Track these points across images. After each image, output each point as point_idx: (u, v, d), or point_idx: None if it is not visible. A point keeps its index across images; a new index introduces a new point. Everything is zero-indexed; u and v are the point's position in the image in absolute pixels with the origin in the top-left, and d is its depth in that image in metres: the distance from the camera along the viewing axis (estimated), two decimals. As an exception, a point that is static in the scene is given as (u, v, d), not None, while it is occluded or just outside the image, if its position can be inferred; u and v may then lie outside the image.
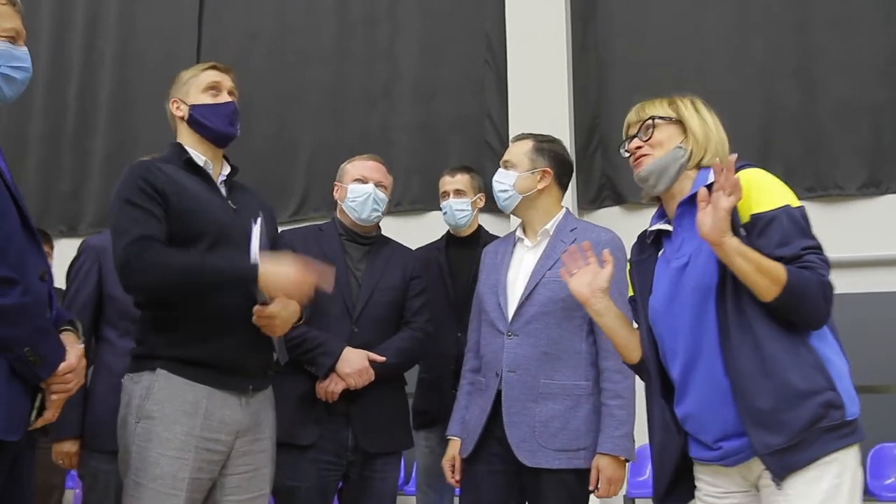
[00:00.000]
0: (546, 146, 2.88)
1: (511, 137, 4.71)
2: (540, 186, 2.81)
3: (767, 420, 1.91)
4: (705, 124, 2.18)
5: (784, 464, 1.90)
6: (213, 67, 2.63)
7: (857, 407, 1.95)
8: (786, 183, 2.10)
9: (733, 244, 1.90)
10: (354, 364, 2.90)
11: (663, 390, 2.14)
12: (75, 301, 3.01)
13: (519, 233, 2.88)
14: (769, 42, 5.44)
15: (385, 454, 2.99)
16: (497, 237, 3.73)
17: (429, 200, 5.82)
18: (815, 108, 5.28)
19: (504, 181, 2.84)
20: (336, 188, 3.18)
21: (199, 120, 2.56)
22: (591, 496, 2.74)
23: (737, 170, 2.00)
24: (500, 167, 2.91)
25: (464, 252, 3.64)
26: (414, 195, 5.92)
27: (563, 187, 2.90)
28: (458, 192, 3.64)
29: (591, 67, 5.78)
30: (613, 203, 5.67)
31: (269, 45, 6.35)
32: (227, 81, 2.62)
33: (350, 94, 6.16)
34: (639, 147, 2.20)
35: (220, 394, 2.37)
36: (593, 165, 5.69)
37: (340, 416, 2.92)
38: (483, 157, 5.74)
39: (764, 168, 2.12)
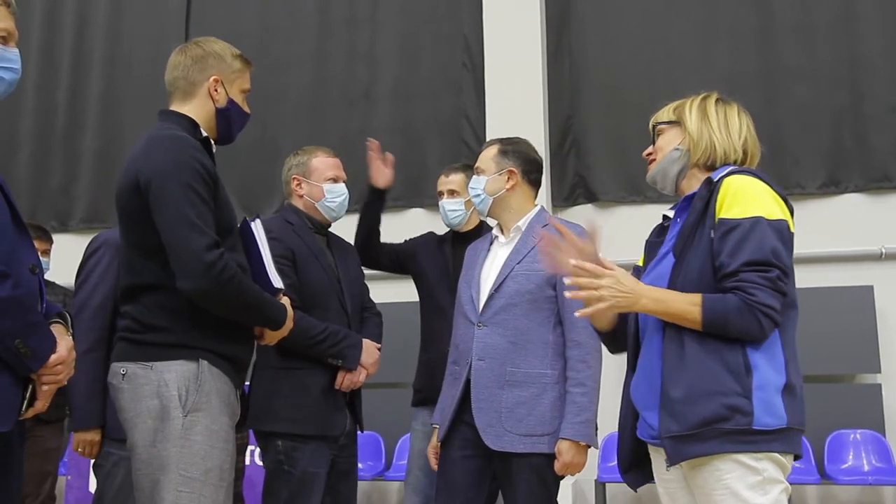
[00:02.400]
0: (510, 148, 2.90)
1: (490, 138, 4.75)
2: (508, 186, 2.85)
3: (673, 408, 1.93)
4: (704, 123, 2.16)
5: (676, 450, 1.92)
6: (250, 69, 2.47)
7: (775, 419, 1.90)
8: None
9: (643, 304, 1.96)
10: (374, 354, 2.98)
11: (634, 365, 2.17)
12: (94, 296, 2.92)
13: (496, 231, 2.91)
14: (733, 48, 5.50)
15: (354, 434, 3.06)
16: None
17: (409, 198, 5.84)
18: (778, 110, 5.34)
19: (476, 186, 2.89)
20: (297, 181, 3.12)
21: (228, 117, 2.38)
22: (565, 481, 2.76)
23: (731, 174, 2.02)
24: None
25: (466, 246, 3.66)
26: (394, 193, 5.85)
27: (534, 184, 2.91)
28: (452, 193, 3.63)
29: (564, 71, 5.80)
30: (586, 201, 5.71)
31: (252, 47, 6.31)
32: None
33: (331, 95, 6.15)
34: (649, 153, 2.26)
35: (232, 387, 2.33)
36: (567, 164, 5.73)
37: (344, 403, 2.96)
38: (461, 156, 5.76)
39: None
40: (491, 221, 2.96)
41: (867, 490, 5.01)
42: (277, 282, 2.36)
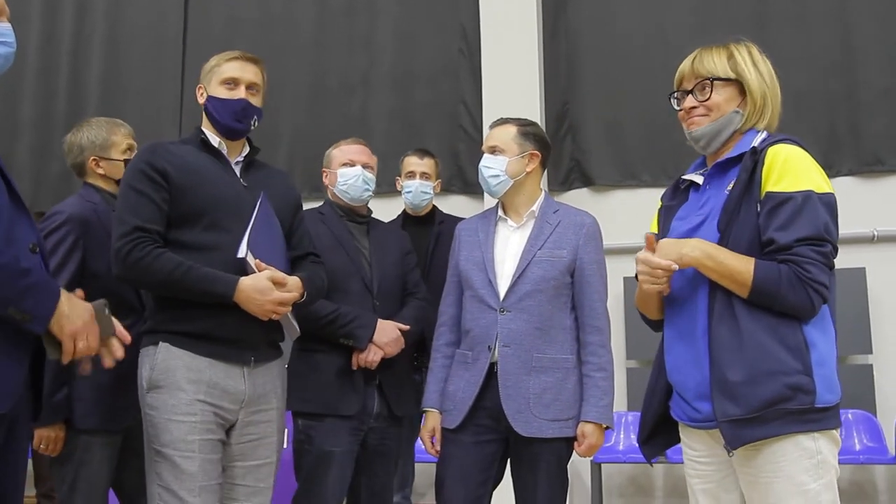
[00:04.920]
0: (530, 130, 2.82)
1: (488, 123, 4.74)
2: (529, 169, 2.76)
3: (733, 391, 1.83)
4: (763, 82, 2.02)
5: (737, 434, 1.83)
6: (236, 59, 2.54)
7: (834, 395, 1.84)
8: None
9: (695, 255, 1.87)
10: (390, 334, 2.94)
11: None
12: (57, 279, 2.46)
13: (500, 213, 2.82)
14: (729, 34, 5.44)
15: (400, 417, 3.03)
16: (452, 216, 3.73)
17: (406, 183, 5.81)
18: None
19: (494, 166, 2.76)
20: (325, 174, 3.17)
21: (211, 112, 2.54)
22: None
23: (776, 143, 1.93)
24: (484, 153, 2.81)
25: (420, 230, 3.68)
26: (392, 178, 5.88)
27: (545, 168, 2.89)
28: (425, 175, 3.68)
29: (560, 56, 5.77)
30: (582, 185, 5.69)
31: (251, 34, 6.27)
32: (247, 75, 2.53)
33: (330, 82, 6.11)
34: (694, 107, 2.03)
35: (221, 365, 2.37)
36: (563, 149, 5.69)
37: (370, 385, 2.94)
38: (457, 141, 5.76)
39: None
40: (475, 200, 2.91)
41: (858, 469, 5.02)
42: (241, 251, 2.36)
